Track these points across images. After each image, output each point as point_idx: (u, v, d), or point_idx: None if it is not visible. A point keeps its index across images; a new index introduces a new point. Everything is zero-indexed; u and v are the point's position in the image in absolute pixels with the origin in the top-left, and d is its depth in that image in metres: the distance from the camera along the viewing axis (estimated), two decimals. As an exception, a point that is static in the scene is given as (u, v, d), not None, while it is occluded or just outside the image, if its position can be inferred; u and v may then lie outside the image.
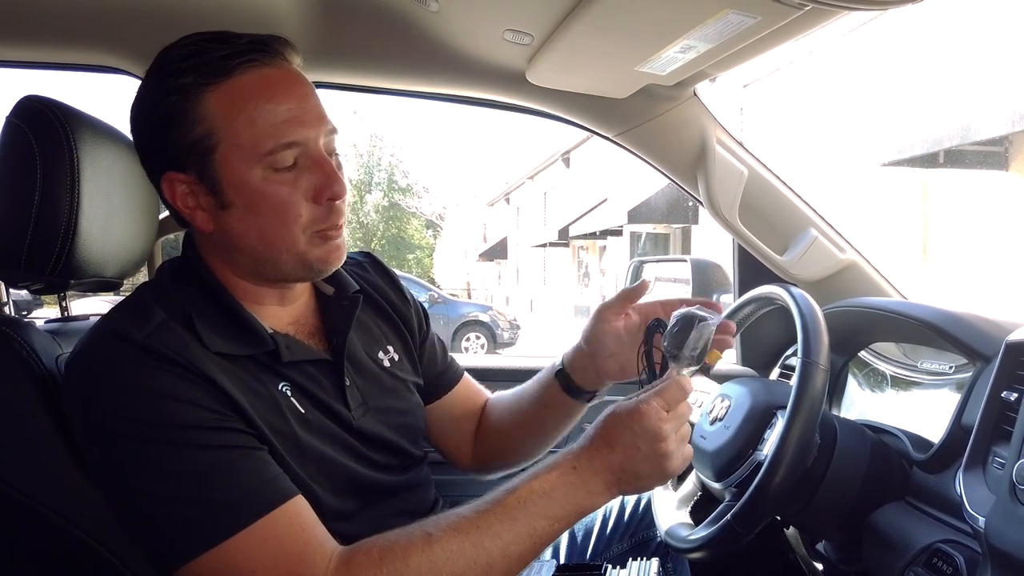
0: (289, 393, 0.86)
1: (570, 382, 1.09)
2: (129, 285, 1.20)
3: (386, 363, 1.00)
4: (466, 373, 1.21)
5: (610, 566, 1.06)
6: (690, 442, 1.17)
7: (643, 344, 0.93)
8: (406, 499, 0.98)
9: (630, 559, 1.07)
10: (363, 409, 0.93)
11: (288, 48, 0.86)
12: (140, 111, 0.85)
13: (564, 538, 1.27)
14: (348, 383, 0.92)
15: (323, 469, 0.87)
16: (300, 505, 0.78)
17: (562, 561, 1.24)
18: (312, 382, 0.89)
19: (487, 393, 1.23)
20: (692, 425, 1.11)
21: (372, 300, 1.04)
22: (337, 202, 0.84)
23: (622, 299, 1.05)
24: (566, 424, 1.15)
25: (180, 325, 0.81)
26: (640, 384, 0.89)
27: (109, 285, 1.10)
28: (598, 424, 0.83)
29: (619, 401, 0.84)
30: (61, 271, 0.94)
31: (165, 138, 0.82)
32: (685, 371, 0.86)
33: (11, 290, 1.12)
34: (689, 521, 1.15)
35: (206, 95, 0.80)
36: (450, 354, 1.18)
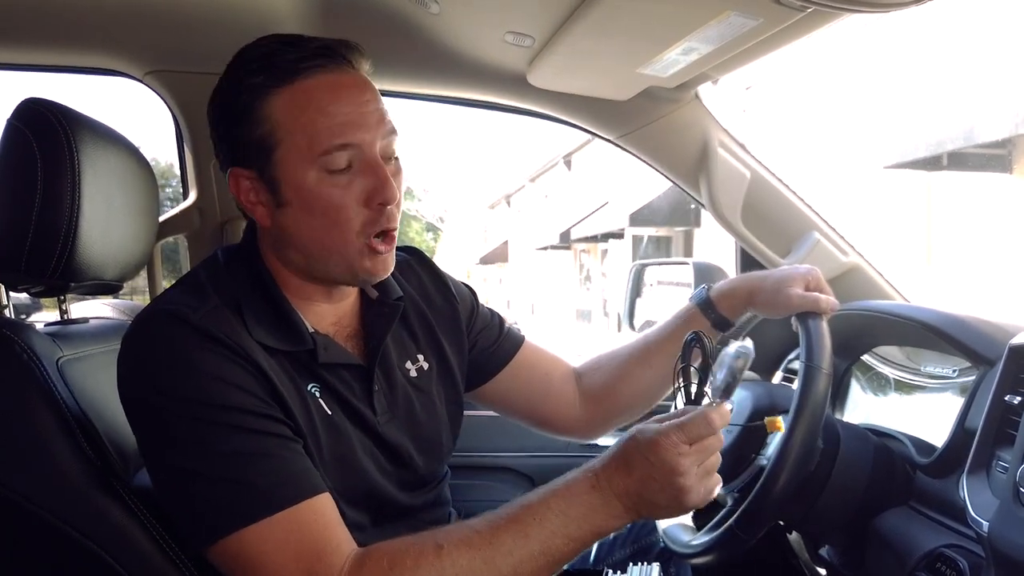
0: (318, 394, 0.87)
1: (717, 313, 1.12)
2: (128, 288, 1.20)
3: (412, 373, 1.00)
4: (530, 341, 1.19)
5: (611, 571, 1.05)
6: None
7: (680, 360, 0.86)
8: (421, 518, 0.97)
9: (631, 564, 1.07)
10: (388, 416, 0.94)
11: (356, 54, 0.87)
12: (214, 106, 0.88)
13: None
14: (376, 388, 0.93)
15: (342, 474, 0.87)
16: (327, 502, 0.79)
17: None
18: (342, 384, 0.90)
19: (564, 357, 1.22)
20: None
21: (414, 305, 1.04)
22: (389, 207, 0.85)
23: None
24: None
25: (230, 310, 0.83)
26: (673, 400, 0.85)
27: (109, 288, 1.10)
28: (618, 445, 0.81)
29: (645, 423, 0.81)
30: (61, 274, 0.94)
31: (234, 134, 0.85)
32: (717, 401, 0.80)
33: (11, 293, 1.12)
34: (691, 526, 1.15)
35: (272, 96, 0.83)
36: (509, 324, 1.18)
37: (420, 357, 1.02)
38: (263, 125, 0.83)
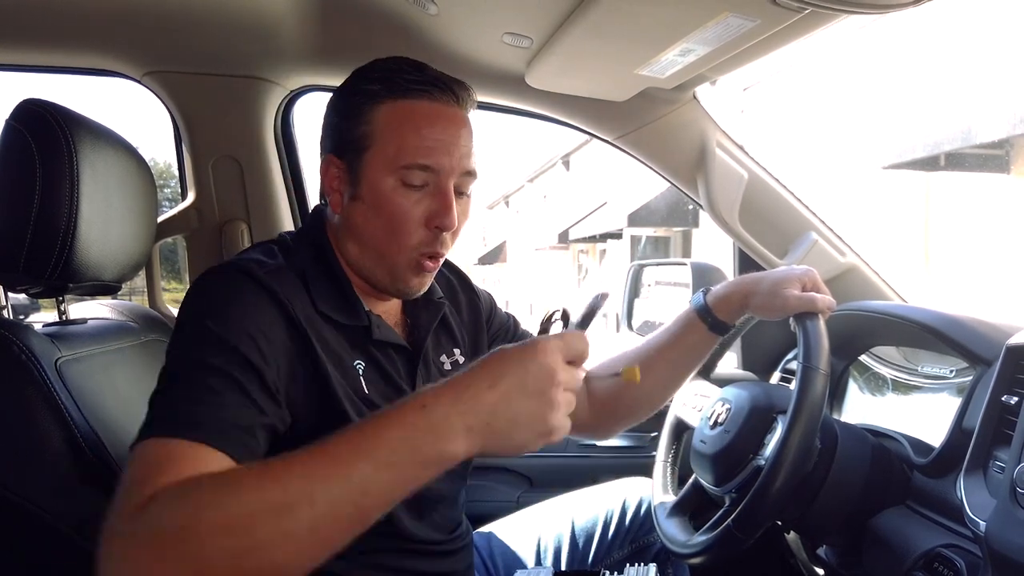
0: (360, 371, 0.91)
1: (714, 318, 1.13)
2: (127, 289, 1.20)
3: (447, 366, 1.05)
4: None
5: (607, 572, 1.05)
6: (692, 446, 1.18)
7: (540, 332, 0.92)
8: (442, 513, 0.99)
9: (627, 565, 1.07)
10: None
11: (465, 94, 0.94)
12: (332, 100, 0.97)
13: (565, 544, 1.27)
14: (420, 371, 0.98)
15: None
16: (213, 460, 0.69)
17: (563, 567, 1.24)
18: (389, 362, 0.95)
19: None
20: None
21: (448, 303, 1.09)
22: (444, 233, 0.91)
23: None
24: (703, 358, 1.21)
25: (296, 276, 0.88)
26: None
27: (107, 288, 1.10)
28: (478, 361, 0.69)
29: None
30: (60, 274, 0.94)
31: (339, 127, 0.94)
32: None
33: (9, 294, 1.12)
34: (689, 525, 1.15)
35: (380, 104, 0.91)
36: (523, 328, 1.22)
37: (456, 351, 1.07)
38: (365, 126, 0.91)
